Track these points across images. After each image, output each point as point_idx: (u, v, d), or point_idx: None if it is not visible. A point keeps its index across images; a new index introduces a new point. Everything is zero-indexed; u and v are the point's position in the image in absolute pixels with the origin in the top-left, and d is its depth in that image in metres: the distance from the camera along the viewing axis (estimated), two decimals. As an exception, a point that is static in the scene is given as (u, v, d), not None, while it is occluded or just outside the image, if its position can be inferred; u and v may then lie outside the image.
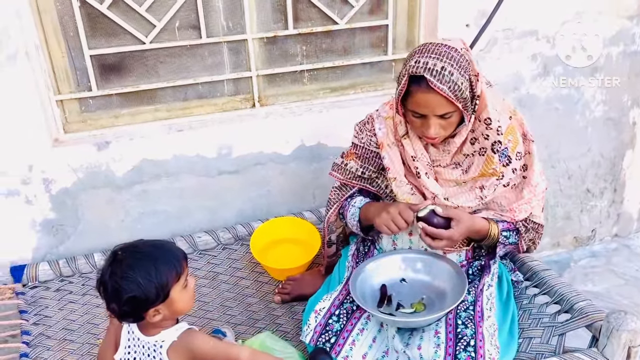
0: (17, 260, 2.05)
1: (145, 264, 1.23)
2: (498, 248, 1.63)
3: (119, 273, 1.21)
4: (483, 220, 1.58)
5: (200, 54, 2.10)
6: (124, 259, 1.23)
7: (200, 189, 2.19)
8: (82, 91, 2.01)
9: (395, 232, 1.54)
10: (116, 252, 1.25)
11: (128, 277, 1.21)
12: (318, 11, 2.16)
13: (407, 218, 1.53)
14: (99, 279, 1.25)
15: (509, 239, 1.62)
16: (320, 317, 1.54)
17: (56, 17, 1.88)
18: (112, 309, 1.24)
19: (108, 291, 1.23)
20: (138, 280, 1.20)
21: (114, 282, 1.21)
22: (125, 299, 1.21)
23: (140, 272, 1.21)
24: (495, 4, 2.17)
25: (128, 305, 1.22)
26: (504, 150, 1.53)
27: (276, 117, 2.20)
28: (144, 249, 1.27)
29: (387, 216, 1.54)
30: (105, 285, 1.23)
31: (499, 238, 1.60)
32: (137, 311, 1.24)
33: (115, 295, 1.22)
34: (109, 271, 1.23)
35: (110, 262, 1.24)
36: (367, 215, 1.67)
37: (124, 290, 1.20)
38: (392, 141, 1.65)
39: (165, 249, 1.29)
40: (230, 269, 2.08)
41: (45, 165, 1.96)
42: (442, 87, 1.39)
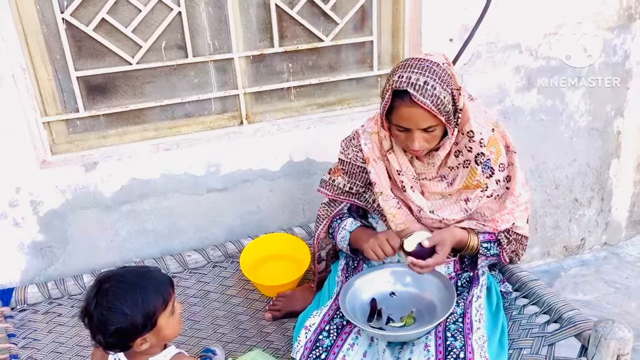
0: (5, 283, 2.04)
1: (131, 293, 1.20)
2: (480, 259, 1.64)
3: (105, 304, 1.19)
4: (463, 231, 1.60)
5: (187, 73, 2.11)
6: (109, 288, 1.20)
7: (189, 207, 2.19)
8: (69, 112, 2.02)
9: (381, 257, 1.57)
10: (101, 282, 1.22)
11: (114, 309, 1.18)
12: (303, 29, 2.19)
13: (394, 245, 1.55)
14: (83, 310, 1.22)
15: (490, 251, 1.64)
16: (311, 333, 1.54)
17: (42, 39, 1.89)
18: (98, 340, 1.21)
19: (93, 322, 1.20)
20: (125, 311, 1.18)
21: (100, 313, 1.19)
22: (112, 331, 1.18)
23: (126, 302, 1.19)
24: (478, 19, 2.22)
25: (114, 337, 1.19)
26: (486, 162, 1.55)
27: (264, 134, 2.22)
28: (129, 278, 1.24)
29: (374, 242, 1.56)
30: (90, 316, 1.20)
31: (479, 249, 1.61)
32: (124, 342, 1.22)
33: (102, 326, 1.19)
34: (94, 302, 1.20)
35: (95, 293, 1.21)
36: (357, 242, 1.69)
37: (110, 322, 1.18)
38: (378, 156, 1.66)
39: (151, 277, 1.27)
40: (221, 286, 2.07)
41: (32, 187, 1.96)
42: (425, 101, 1.41)
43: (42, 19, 1.87)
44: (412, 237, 1.54)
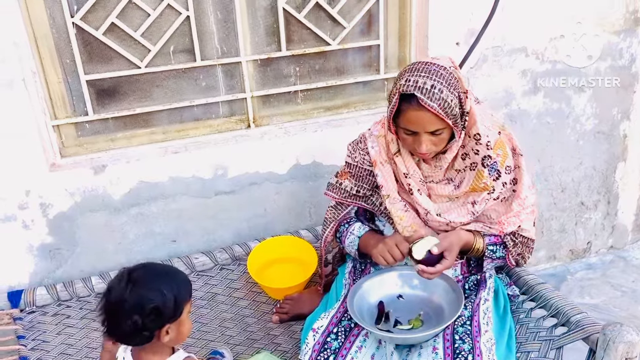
0: (15, 285, 2.05)
1: (164, 278, 1.25)
2: (485, 262, 1.64)
3: (141, 285, 1.21)
4: (469, 233, 1.60)
5: (195, 77, 2.13)
6: (141, 275, 1.24)
7: (196, 210, 2.20)
8: (78, 116, 2.03)
9: (390, 262, 1.56)
10: (129, 272, 1.24)
11: (152, 287, 1.21)
12: (310, 33, 2.20)
13: (403, 250, 1.55)
14: (110, 300, 1.22)
15: (495, 253, 1.63)
16: (319, 336, 1.55)
17: (52, 44, 1.91)
18: (124, 328, 1.21)
19: (126, 308, 1.20)
20: (162, 289, 1.22)
21: (137, 294, 1.20)
22: (149, 309, 1.20)
23: (162, 283, 1.23)
24: (484, 22, 2.23)
25: (150, 318, 1.21)
26: (493, 165, 1.55)
27: (271, 137, 2.23)
28: (158, 268, 1.29)
29: (383, 247, 1.56)
30: (122, 303, 1.21)
31: (485, 252, 1.61)
32: (154, 326, 1.23)
33: (138, 308, 1.20)
34: (128, 288, 1.21)
35: (127, 281, 1.22)
36: (366, 247, 1.69)
37: (148, 301, 1.20)
38: (385, 159, 1.67)
39: (176, 270, 1.33)
40: (228, 289, 2.08)
41: (42, 189, 1.97)
42: (432, 105, 1.42)
43: (52, 23, 1.89)
44: (420, 244, 1.53)
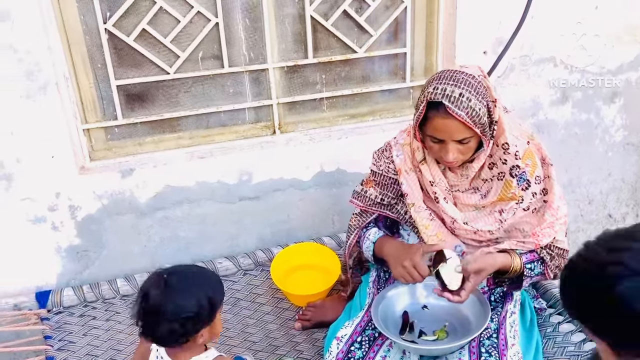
0: (42, 285, 2.09)
1: (199, 283, 1.26)
2: (525, 281, 1.60)
3: (178, 293, 1.23)
4: (505, 256, 1.56)
5: (223, 83, 2.15)
6: (177, 281, 1.24)
7: (221, 215, 2.22)
8: (108, 120, 2.07)
9: (411, 282, 1.55)
10: (166, 277, 1.25)
11: (189, 295, 1.23)
12: (337, 40, 2.21)
13: (423, 273, 1.52)
14: (147, 306, 1.23)
15: (534, 271, 1.59)
16: (342, 344, 1.54)
17: (85, 49, 1.95)
18: (161, 332, 1.22)
19: (163, 315, 1.21)
20: (199, 297, 1.23)
21: (174, 303, 1.22)
22: (187, 318, 1.22)
23: (198, 290, 1.24)
24: (513, 32, 2.21)
25: (185, 325, 1.22)
26: (522, 174, 1.53)
27: (296, 143, 2.24)
28: (192, 271, 1.31)
29: (402, 271, 1.55)
30: (159, 310, 1.22)
31: (524, 271, 1.58)
32: (189, 332, 1.24)
33: (175, 315, 1.21)
34: (165, 294, 1.22)
35: (164, 287, 1.23)
36: (381, 253, 1.68)
37: (186, 310, 1.21)
38: (410, 167, 1.66)
39: (210, 273, 1.34)
40: (251, 294, 2.09)
41: (71, 192, 2.01)
42: (460, 113, 1.41)
43: (85, 29, 1.93)
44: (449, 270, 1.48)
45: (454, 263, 1.49)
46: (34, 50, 1.80)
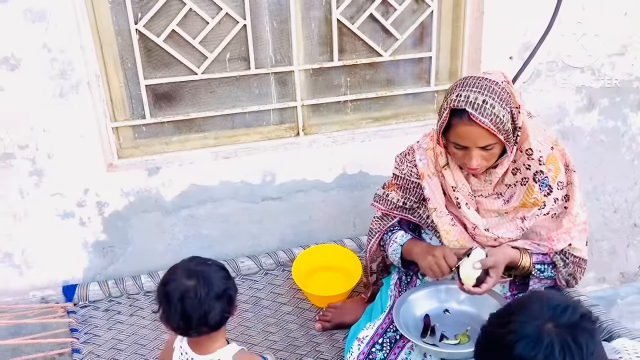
0: (69, 279, 2.14)
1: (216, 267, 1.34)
2: (531, 281, 1.60)
3: (211, 270, 1.30)
4: (515, 250, 1.57)
5: (249, 85, 2.18)
6: (203, 270, 1.30)
7: (243, 215, 2.25)
8: (136, 119, 2.11)
9: (438, 276, 1.55)
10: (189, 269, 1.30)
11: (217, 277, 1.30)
12: (363, 43, 2.22)
13: (451, 263, 1.53)
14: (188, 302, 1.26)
15: (543, 273, 1.60)
16: (364, 346, 1.55)
17: (116, 49, 2.00)
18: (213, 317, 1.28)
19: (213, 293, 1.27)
20: (224, 276, 1.31)
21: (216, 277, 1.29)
22: (228, 296, 1.30)
23: (219, 272, 1.32)
24: (540, 37, 2.20)
25: (228, 302, 1.30)
26: (544, 180, 1.53)
27: (319, 145, 2.25)
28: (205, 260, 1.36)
29: (432, 259, 1.55)
30: (207, 293, 1.27)
31: (532, 270, 1.58)
32: (230, 308, 1.32)
33: (222, 286, 1.29)
34: (204, 278, 1.28)
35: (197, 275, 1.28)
36: (410, 254, 1.69)
37: (224, 277, 1.31)
38: (433, 172, 1.66)
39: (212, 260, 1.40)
40: (272, 294, 2.11)
41: (99, 188, 2.05)
42: (483, 120, 1.41)
43: (117, 29, 1.97)
44: (467, 267, 1.50)
45: (474, 259, 1.50)
46: (67, 49, 1.85)
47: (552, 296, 1.03)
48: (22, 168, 1.95)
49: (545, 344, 0.93)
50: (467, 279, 1.48)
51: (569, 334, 0.94)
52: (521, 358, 0.94)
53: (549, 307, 0.98)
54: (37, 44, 1.81)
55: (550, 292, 1.47)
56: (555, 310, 0.97)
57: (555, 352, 0.92)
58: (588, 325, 0.97)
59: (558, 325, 0.95)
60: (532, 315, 0.97)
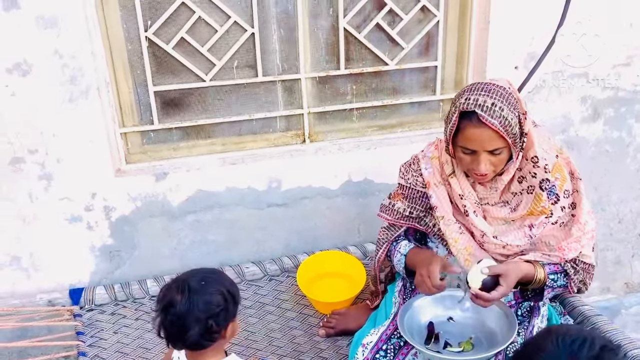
0: (75, 283, 2.15)
1: (218, 281, 1.32)
2: (546, 292, 1.61)
3: (204, 292, 1.28)
4: (529, 264, 1.57)
5: (256, 92, 2.20)
6: (199, 283, 1.29)
7: (249, 221, 2.26)
8: (144, 124, 2.13)
9: (427, 293, 1.55)
10: (187, 282, 1.29)
11: (214, 291, 1.28)
12: (369, 52, 2.24)
13: (434, 283, 1.51)
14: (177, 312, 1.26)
15: (556, 282, 1.60)
16: (368, 351, 1.56)
17: (126, 56, 2.02)
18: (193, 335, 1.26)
19: (197, 315, 1.25)
20: (222, 290, 1.29)
21: (204, 301, 1.26)
22: (219, 311, 1.27)
23: (218, 285, 1.30)
24: (546, 47, 2.21)
25: (220, 318, 1.28)
26: (551, 188, 1.54)
27: (325, 152, 2.27)
28: (207, 272, 1.35)
29: (419, 279, 1.56)
30: (191, 312, 1.25)
31: (546, 282, 1.58)
32: (220, 326, 1.29)
33: (208, 312, 1.26)
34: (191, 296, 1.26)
35: (188, 290, 1.27)
36: (412, 264, 1.70)
37: (216, 304, 1.27)
38: (439, 180, 1.68)
39: (219, 271, 1.40)
40: (276, 300, 2.12)
41: (107, 193, 2.08)
42: (493, 122, 1.42)
43: (127, 36, 2.00)
44: (475, 271, 1.50)
45: (482, 265, 1.50)
46: (78, 55, 1.88)
47: (567, 331, 0.98)
48: (32, 172, 1.98)
49: None
50: (472, 281, 1.49)
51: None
52: None
53: (565, 344, 0.94)
54: (48, 50, 1.84)
55: (565, 327, 1.40)
56: (572, 347, 0.93)
57: None
58: (610, 356, 0.93)
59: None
60: (550, 356, 0.93)
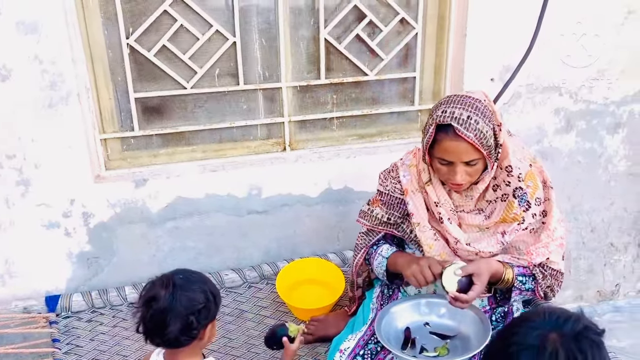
0: (52, 290, 2.13)
1: (200, 280, 1.35)
2: (514, 293, 1.65)
3: (187, 289, 1.30)
4: (498, 262, 1.61)
5: (237, 100, 2.22)
6: (183, 280, 1.31)
7: (229, 228, 2.27)
8: (124, 131, 2.13)
9: (422, 284, 1.58)
10: (170, 278, 1.31)
11: (197, 289, 1.30)
12: (349, 63, 2.28)
13: (435, 272, 1.57)
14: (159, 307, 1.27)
15: (524, 285, 1.64)
16: (345, 357, 1.58)
17: (107, 62, 2.03)
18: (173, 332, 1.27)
19: (179, 311, 1.27)
20: (205, 289, 1.32)
21: (187, 297, 1.28)
22: (200, 308, 1.29)
23: (202, 284, 1.33)
24: (520, 60, 2.28)
25: (201, 315, 1.29)
26: (523, 195, 1.58)
27: (305, 161, 2.30)
28: (191, 272, 1.37)
29: (416, 268, 1.59)
30: (174, 308, 1.27)
31: (514, 282, 1.63)
32: (204, 323, 1.31)
33: (190, 308, 1.28)
34: (176, 293, 1.28)
35: (172, 286, 1.29)
36: (395, 266, 1.72)
37: (198, 301, 1.29)
38: (416, 188, 1.71)
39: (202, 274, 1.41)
40: (255, 307, 2.12)
41: (86, 199, 2.07)
42: (468, 135, 1.46)
43: (108, 43, 2.01)
44: (449, 272, 1.54)
45: (454, 267, 1.54)
46: (58, 61, 1.88)
47: (554, 309, 1.03)
48: (9, 178, 1.96)
49: (549, 352, 0.92)
50: (448, 284, 1.52)
51: (573, 343, 0.93)
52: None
53: (551, 318, 0.98)
54: (28, 56, 1.84)
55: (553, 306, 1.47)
56: (557, 321, 0.97)
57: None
58: (593, 336, 0.96)
59: (562, 335, 0.94)
60: (535, 326, 0.97)
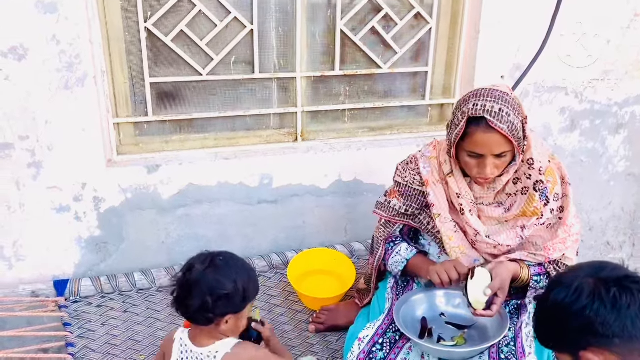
0: (59, 274, 2.11)
1: (241, 271, 1.34)
2: (529, 292, 1.68)
3: (220, 272, 1.31)
4: (516, 265, 1.64)
5: (252, 88, 2.21)
6: (223, 262, 1.33)
7: (239, 216, 2.27)
8: (138, 116, 2.12)
9: (445, 282, 1.59)
10: (214, 256, 1.34)
11: (228, 276, 1.31)
12: (364, 55, 2.29)
13: (461, 272, 1.58)
14: (189, 277, 1.31)
15: (539, 284, 1.67)
16: (364, 345, 1.59)
17: (124, 46, 2.01)
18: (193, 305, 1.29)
19: (201, 287, 1.29)
20: (236, 280, 1.31)
21: (214, 278, 1.30)
22: (221, 294, 1.29)
23: (238, 275, 1.33)
24: (531, 60, 2.31)
25: (219, 302, 1.30)
26: (544, 190, 1.61)
27: (317, 151, 2.30)
28: (238, 260, 1.38)
29: (441, 267, 1.61)
30: (198, 282, 1.30)
31: (530, 282, 1.65)
32: (220, 311, 1.31)
33: (211, 289, 1.29)
34: (208, 270, 1.31)
35: (209, 263, 1.32)
36: (416, 270, 1.73)
37: (222, 287, 1.29)
38: (437, 179, 1.73)
39: (251, 268, 1.41)
40: (265, 296, 2.13)
41: (97, 184, 2.05)
42: (502, 127, 1.48)
43: (126, 26, 1.99)
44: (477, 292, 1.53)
45: (481, 283, 1.54)
46: (76, 42, 1.85)
47: (604, 262, 1.08)
48: (21, 159, 1.93)
49: (574, 288, 0.98)
50: (477, 304, 1.53)
51: (603, 285, 0.98)
52: (554, 304, 1.01)
53: (594, 267, 1.04)
54: (46, 35, 1.81)
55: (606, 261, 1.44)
56: (598, 269, 1.03)
57: (583, 296, 0.98)
58: (631, 285, 1.00)
59: (598, 279, 1.00)
60: (575, 274, 1.04)
